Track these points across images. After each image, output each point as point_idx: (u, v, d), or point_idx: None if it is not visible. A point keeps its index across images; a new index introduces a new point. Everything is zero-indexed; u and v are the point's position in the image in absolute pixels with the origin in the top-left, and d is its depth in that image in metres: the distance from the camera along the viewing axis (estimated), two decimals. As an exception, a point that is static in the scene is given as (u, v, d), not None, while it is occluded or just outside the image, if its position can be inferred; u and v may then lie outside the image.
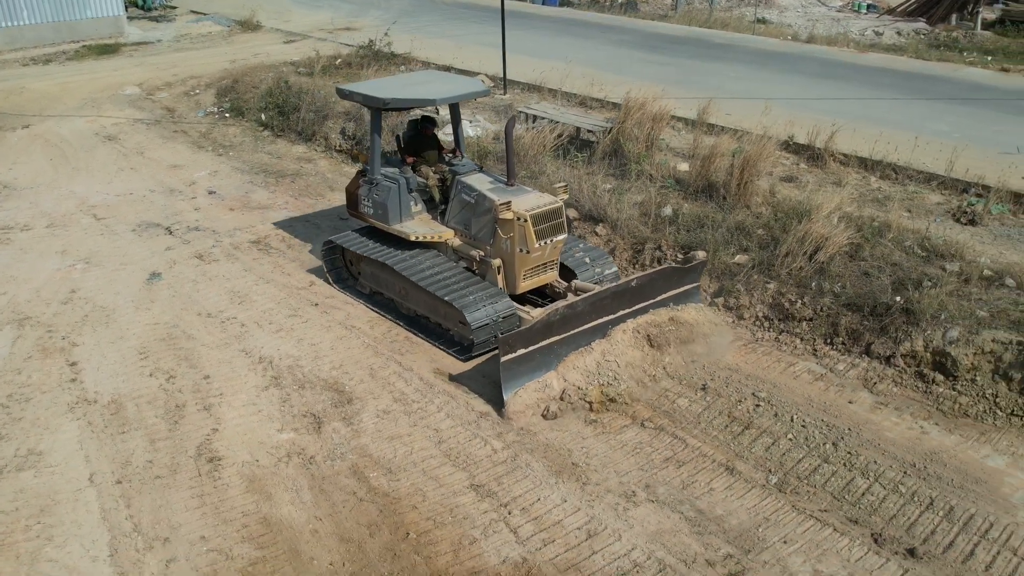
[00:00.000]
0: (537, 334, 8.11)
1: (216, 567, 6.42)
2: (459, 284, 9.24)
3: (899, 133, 13.28)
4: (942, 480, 7.18)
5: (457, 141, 10.90)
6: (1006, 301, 8.98)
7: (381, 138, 10.28)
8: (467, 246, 9.71)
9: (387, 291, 10.14)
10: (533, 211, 9.00)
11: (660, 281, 9.10)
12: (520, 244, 9.05)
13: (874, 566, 6.32)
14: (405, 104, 10.16)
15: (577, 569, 6.33)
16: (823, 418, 7.96)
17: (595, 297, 8.55)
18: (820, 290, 9.43)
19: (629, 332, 8.77)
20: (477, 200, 9.47)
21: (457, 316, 8.95)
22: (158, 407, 8.37)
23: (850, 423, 7.89)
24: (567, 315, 8.29)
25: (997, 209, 11.15)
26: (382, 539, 6.67)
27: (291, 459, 7.59)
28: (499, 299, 9.12)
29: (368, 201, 10.22)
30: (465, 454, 7.60)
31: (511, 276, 9.35)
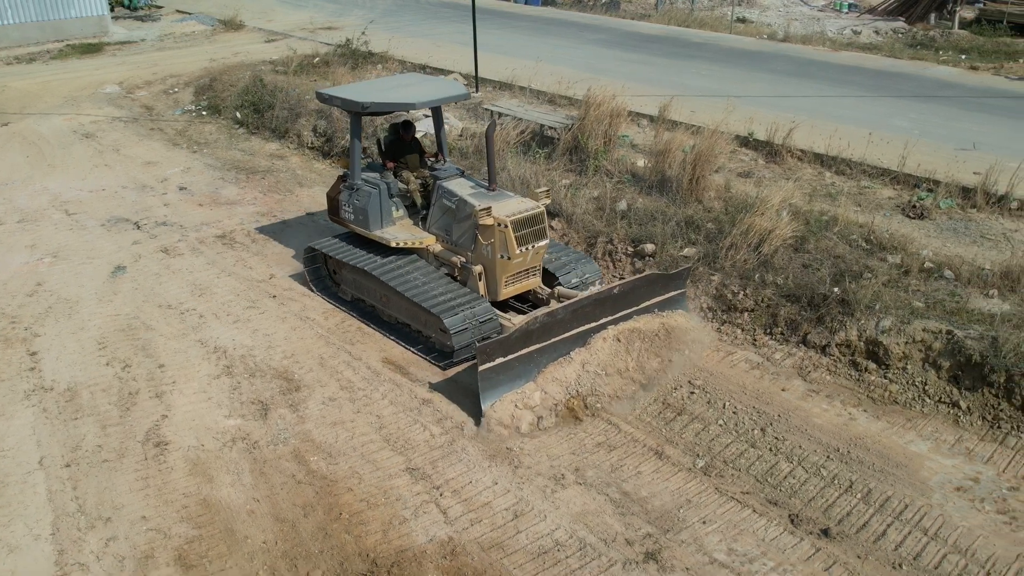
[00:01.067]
0: (516, 343, 7.93)
1: (153, 545, 6.64)
2: (439, 291, 9.11)
3: (860, 129, 13.49)
4: (864, 464, 7.40)
5: (440, 145, 10.75)
6: (943, 292, 9.21)
7: (361, 142, 10.17)
8: (448, 252, 9.59)
9: (368, 298, 10.01)
10: (514, 216, 8.87)
11: (643, 288, 8.88)
12: (501, 250, 8.94)
13: (788, 545, 6.54)
14: (384, 108, 10.03)
15: (501, 547, 6.56)
16: (755, 405, 8.18)
17: (576, 305, 8.34)
18: (763, 282, 9.65)
19: (609, 339, 8.52)
20: (458, 205, 9.35)
21: (437, 323, 8.83)
22: (112, 395, 8.60)
23: (780, 410, 8.11)
24: (547, 323, 8.10)
25: (946, 204, 11.36)
26: (316, 519, 6.89)
27: (235, 444, 7.82)
28: (479, 306, 8.97)
29: (349, 207, 10.09)
30: (404, 439, 7.83)
31: (492, 283, 9.23)
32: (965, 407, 8.07)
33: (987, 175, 11.31)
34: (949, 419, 8.02)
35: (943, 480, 7.22)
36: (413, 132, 10.55)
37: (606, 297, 8.54)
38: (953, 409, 8.10)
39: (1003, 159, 11.70)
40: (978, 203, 11.24)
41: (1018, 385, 7.89)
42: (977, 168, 11.74)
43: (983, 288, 9.25)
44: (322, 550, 6.58)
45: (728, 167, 12.86)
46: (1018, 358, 7.93)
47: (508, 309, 9.54)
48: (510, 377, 7.96)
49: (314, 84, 17.35)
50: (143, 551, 6.59)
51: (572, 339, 8.33)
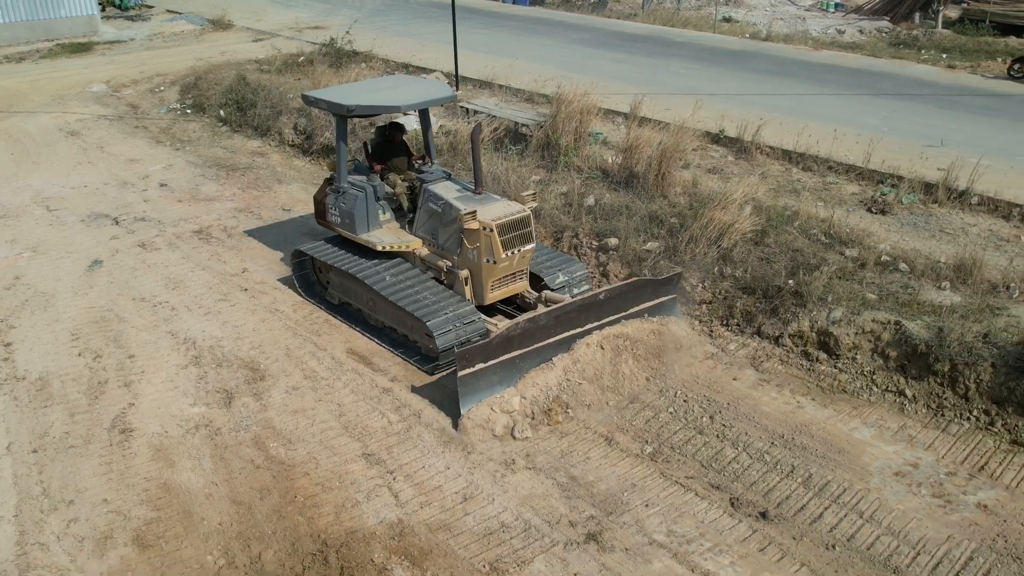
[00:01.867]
0: (497, 348, 7.85)
1: (113, 526, 6.86)
2: (424, 295, 9.05)
3: (831, 127, 13.66)
4: (807, 450, 7.60)
5: (427, 147, 10.69)
6: (897, 285, 9.41)
7: (347, 145, 10.10)
8: (435, 256, 9.52)
9: (355, 301, 9.95)
10: (499, 220, 8.78)
11: (631, 293, 8.75)
12: (487, 254, 8.86)
13: (726, 527, 6.74)
14: (370, 111, 9.92)
15: (448, 528, 6.77)
16: (705, 394, 8.39)
17: (560, 311, 8.24)
18: (721, 274, 9.86)
19: (593, 346, 8.41)
20: (444, 209, 9.26)
21: (422, 328, 8.79)
22: (82, 384, 8.81)
23: (730, 398, 8.31)
24: (529, 329, 8.01)
25: (908, 199, 11.56)
26: (271, 502, 7.10)
27: (198, 431, 8.03)
28: (464, 310, 8.91)
29: (335, 210, 10.02)
30: (362, 426, 8.04)
31: (479, 287, 9.17)
32: (911, 395, 8.28)
33: (949, 171, 11.50)
34: (895, 407, 8.23)
35: (883, 465, 7.42)
36: (401, 134, 10.47)
37: (592, 303, 8.41)
38: (899, 398, 8.31)
39: (968, 155, 11.90)
40: (939, 198, 11.44)
41: (962, 374, 8.10)
42: (942, 164, 11.92)
43: (936, 280, 9.44)
44: (275, 531, 6.79)
45: (698, 163, 13.08)
46: (962, 348, 8.13)
47: (496, 313, 9.53)
48: (490, 383, 7.88)
49: (297, 83, 17.59)
50: (103, 532, 6.80)
51: (555, 345, 8.22)
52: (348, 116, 9.71)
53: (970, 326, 8.33)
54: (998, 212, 11.11)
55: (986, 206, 11.24)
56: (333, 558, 6.46)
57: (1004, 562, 6.38)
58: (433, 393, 8.51)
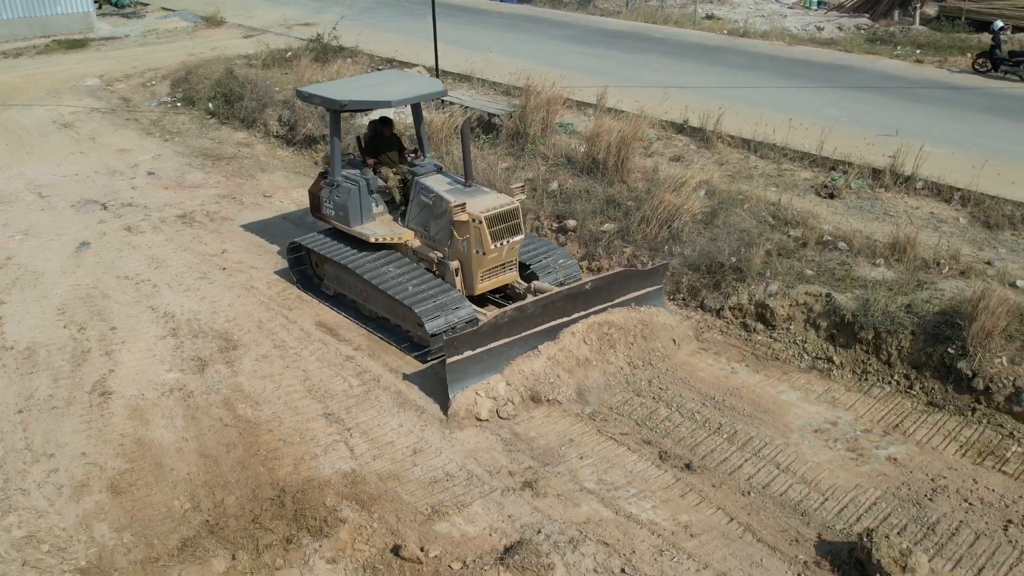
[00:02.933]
0: (484, 336, 8.10)
1: (89, 475, 7.45)
2: (416, 286, 9.26)
3: (793, 117, 14.15)
4: (735, 410, 8.18)
5: (420, 141, 10.94)
6: (835, 262, 9.98)
7: (340, 140, 10.34)
8: (426, 247, 9.75)
9: (349, 293, 10.17)
10: (488, 212, 9.01)
11: (617, 284, 8.98)
12: (476, 245, 9.09)
13: (652, 476, 7.32)
14: (362, 106, 10.21)
15: (396, 478, 7.35)
16: (647, 360, 8.95)
17: (547, 300, 8.50)
18: (670, 253, 10.43)
19: (579, 334, 8.63)
20: (434, 201, 9.52)
21: (414, 318, 8.99)
22: (66, 353, 9.41)
23: (669, 365, 8.89)
24: (516, 318, 8.26)
25: (857, 184, 12.12)
26: (236, 455, 7.69)
27: (172, 393, 8.63)
28: (455, 299, 9.13)
29: (329, 203, 10.27)
30: (325, 389, 8.64)
31: (469, 277, 9.40)
32: (838, 362, 8.86)
33: (896, 157, 12.06)
34: (823, 373, 8.81)
35: (804, 424, 8.00)
36: (391, 129, 10.68)
37: (579, 292, 8.67)
38: (828, 364, 8.89)
39: (920, 144, 12.40)
40: (887, 183, 12.00)
41: (885, 342, 8.68)
42: (893, 152, 12.46)
43: (872, 258, 10.01)
44: (238, 480, 7.38)
45: (661, 152, 13.64)
46: (886, 317, 8.70)
47: (487, 303, 9.81)
48: (479, 370, 8.13)
49: (283, 77, 18.19)
50: (80, 480, 7.40)
51: (542, 333, 8.47)
52: (340, 111, 10.02)
53: (895, 298, 8.91)
54: (940, 196, 11.67)
55: (930, 190, 11.80)
56: (289, 502, 7.05)
57: (904, 507, 6.95)
58: (393, 361, 9.11)
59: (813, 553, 6.46)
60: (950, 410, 8.15)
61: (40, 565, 6.40)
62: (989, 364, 8.11)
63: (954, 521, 6.80)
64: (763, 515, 6.86)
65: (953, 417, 8.08)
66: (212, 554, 6.49)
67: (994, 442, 7.75)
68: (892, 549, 6.09)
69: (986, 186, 11.35)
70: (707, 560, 6.39)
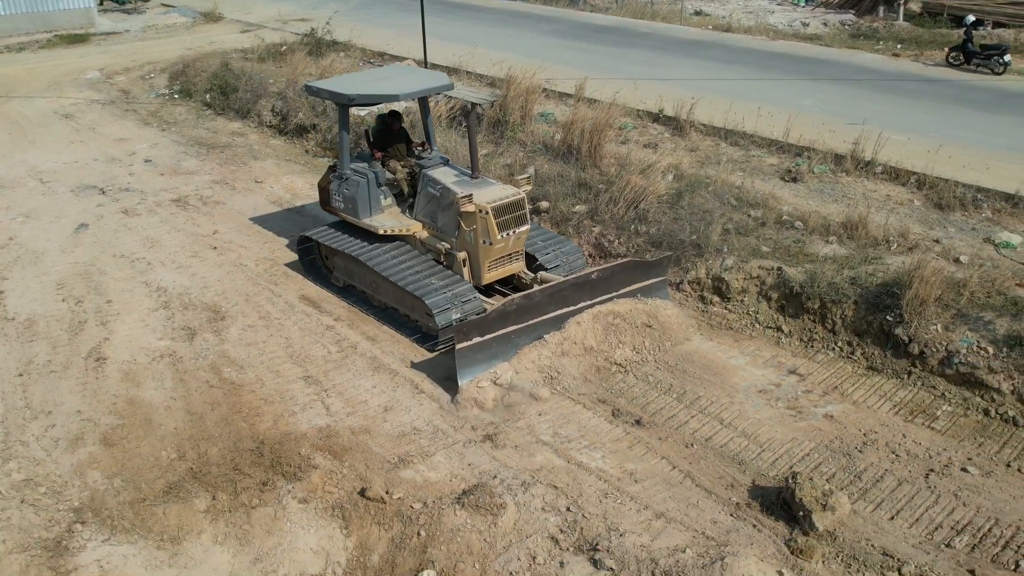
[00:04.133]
0: (493, 323, 8.32)
1: (84, 430, 8.05)
2: (424, 276, 9.42)
3: (765, 107, 14.69)
4: (687, 373, 8.76)
5: (427, 134, 11.07)
6: (790, 240, 10.55)
7: (349, 133, 10.49)
8: (434, 239, 9.91)
9: (359, 284, 10.33)
10: (495, 203, 9.18)
11: (622, 274, 9.18)
12: (483, 236, 9.23)
13: (604, 431, 7.90)
14: (370, 100, 10.27)
15: (368, 432, 7.95)
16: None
17: (553, 288, 8.73)
18: (636, 232, 11.00)
19: (584, 323, 8.80)
20: (441, 193, 9.67)
21: (421, 307, 9.18)
22: (64, 323, 10.01)
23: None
24: (523, 305, 8.48)
25: (819, 169, 12.68)
26: (220, 413, 8.29)
27: (163, 359, 9.23)
28: (462, 289, 9.29)
29: (339, 196, 10.43)
30: (305, 355, 9.23)
31: (476, 268, 9.57)
32: (787, 331, 9.43)
33: (857, 143, 12.61)
34: (772, 340, 9.39)
35: (750, 385, 8.57)
36: (400, 122, 10.88)
37: (584, 282, 8.93)
38: (777, 332, 9.46)
39: (886, 132, 12.93)
40: (848, 168, 12.56)
41: (830, 311, 9.25)
42: (859, 140, 13.00)
43: (825, 236, 10.58)
44: (221, 434, 7.97)
45: (636, 139, 14.20)
46: (830, 288, 9.27)
47: (494, 293, 9.98)
48: (486, 356, 8.34)
49: (277, 70, 18.78)
50: (75, 434, 8.00)
51: (549, 322, 8.71)
52: (349, 105, 10.14)
53: (841, 271, 9.48)
54: (898, 180, 12.22)
55: (888, 174, 12.36)
56: (267, 453, 7.64)
57: (835, 457, 7.53)
58: (370, 330, 9.70)
59: (746, 496, 7.04)
60: (888, 373, 8.72)
61: (37, 504, 7.00)
62: (924, 331, 8.67)
63: (880, 470, 7.37)
64: (703, 464, 7.44)
65: (890, 380, 8.65)
66: (194, 495, 7.08)
67: (926, 402, 8.32)
68: (815, 490, 6.66)
69: (940, 170, 11.90)
70: (648, 502, 6.97)
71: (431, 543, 6.57)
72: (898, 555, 6.39)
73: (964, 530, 6.69)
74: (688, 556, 6.22)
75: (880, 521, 6.79)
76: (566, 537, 6.57)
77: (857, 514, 6.84)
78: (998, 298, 8.90)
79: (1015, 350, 8.24)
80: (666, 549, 6.34)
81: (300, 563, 6.53)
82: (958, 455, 7.55)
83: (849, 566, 6.31)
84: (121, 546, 6.53)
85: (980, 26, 24.41)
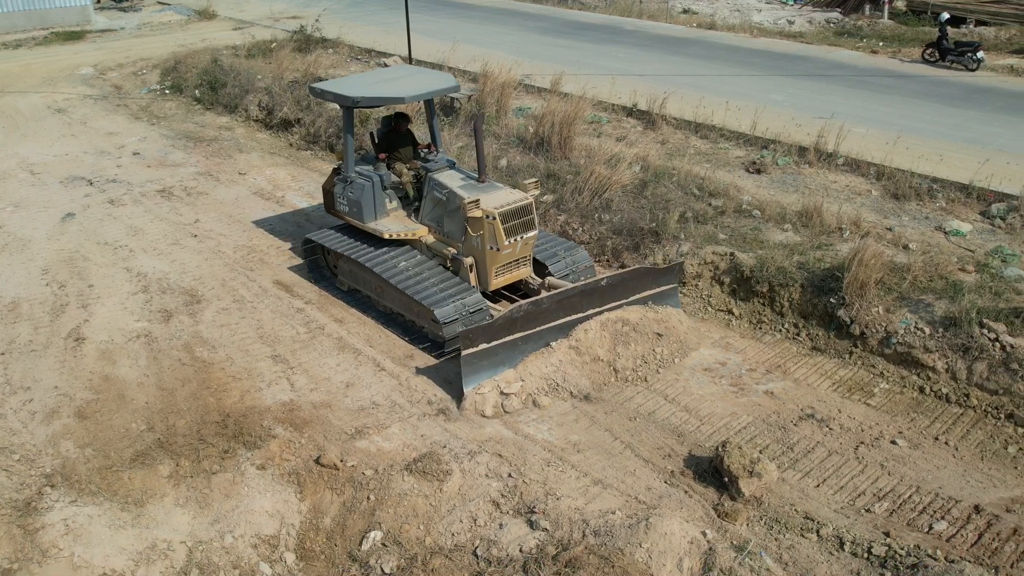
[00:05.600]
0: (499, 330, 8.19)
1: (60, 404, 8.47)
2: (430, 282, 9.29)
3: (737, 102, 15.06)
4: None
5: (433, 136, 10.95)
6: (747, 227, 10.92)
7: (353, 136, 10.37)
8: (440, 243, 9.77)
9: (364, 288, 10.22)
10: (502, 208, 9.01)
11: (633, 281, 9.03)
12: (490, 241, 9.09)
13: (554, 405, 8.27)
14: (374, 103, 10.07)
15: (328, 406, 8.35)
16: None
17: (562, 295, 8.57)
18: (599, 220, 11.38)
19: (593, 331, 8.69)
20: (448, 197, 9.51)
21: (428, 314, 9.04)
22: (47, 306, 10.43)
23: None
24: (531, 312, 8.34)
25: (783, 161, 13.05)
26: (190, 388, 8.70)
27: (139, 339, 9.64)
28: (470, 296, 9.14)
29: (343, 199, 10.28)
30: (275, 335, 9.64)
31: (483, 273, 9.40)
32: (738, 313, 9.81)
33: (819, 136, 12.98)
34: (723, 323, 9.76)
35: (696, 364, 8.95)
36: (406, 124, 10.72)
37: (593, 288, 8.74)
38: (728, 315, 9.84)
39: (852, 125, 13.27)
40: (811, 160, 12.93)
41: (778, 294, 9.62)
42: (825, 134, 13.36)
43: (781, 224, 10.94)
44: (190, 408, 8.38)
45: (609, 133, 14.58)
46: (779, 273, 9.65)
47: (501, 299, 9.89)
48: (492, 363, 8.22)
49: (265, 65, 19.20)
50: (51, 408, 8.42)
51: (557, 329, 8.56)
52: (354, 107, 9.99)
53: (790, 256, 9.85)
54: (858, 171, 12.59)
55: (849, 166, 12.72)
56: (231, 425, 8.05)
57: (771, 430, 7.91)
58: (338, 312, 10.11)
59: (681, 465, 7.42)
60: (830, 353, 9.10)
61: (11, 470, 7.41)
62: (866, 312, 9.05)
63: (812, 442, 7.75)
64: (644, 436, 7.82)
65: (832, 359, 9.04)
66: (159, 462, 7.50)
67: (865, 380, 8.70)
68: (743, 458, 7.04)
69: (899, 161, 12.26)
70: (587, 470, 7.36)
71: (379, 506, 6.97)
72: (819, 518, 6.77)
73: (885, 497, 7.07)
74: (617, 517, 6.61)
75: (806, 488, 7.17)
76: (507, 501, 6.97)
77: (785, 482, 7.22)
78: (939, 282, 9.26)
79: (950, 330, 8.61)
80: (598, 511, 6.73)
81: (256, 524, 6.93)
82: (889, 429, 7.93)
83: (771, 528, 6.69)
84: (87, 507, 6.94)
85: (962, 24, 24.80)
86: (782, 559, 6.35)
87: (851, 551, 6.40)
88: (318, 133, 16.04)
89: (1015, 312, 8.52)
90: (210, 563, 6.64)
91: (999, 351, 8.29)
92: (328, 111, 16.05)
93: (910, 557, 6.21)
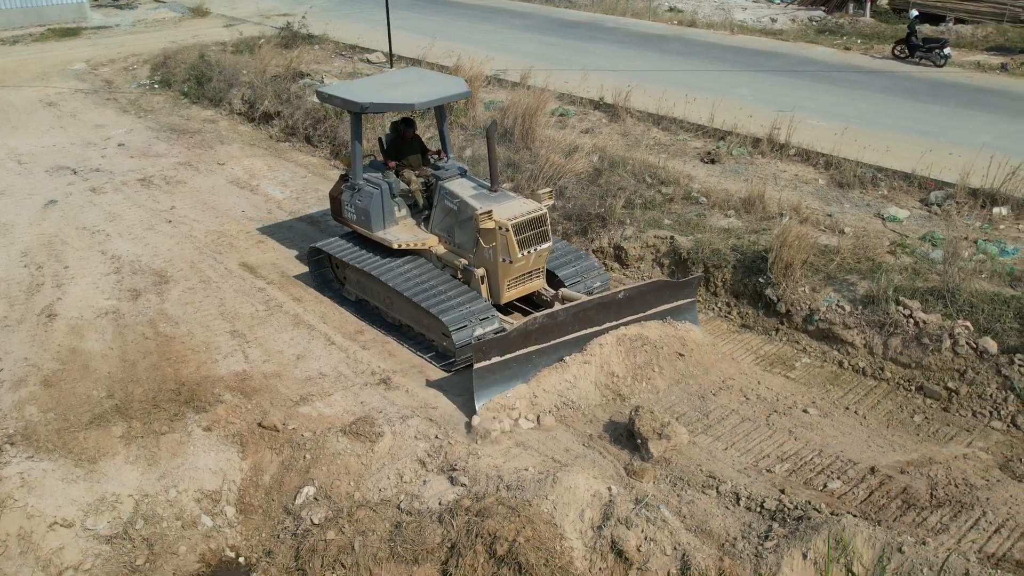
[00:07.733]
0: (513, 343, 7.94)
1: (28, 373, 9.02)
2: (441, 294, 9.02)
3: (704, 96, 15.49)
4: (576, 329, 9.60)
5: (443, 142, 10.62)
6: (693, 213, 11.40)
7: (362, 142, 10.10)
8: (451, 254, 9.50)
9: (372, 299, 10.02)
10: (515, 220, 8.72)
11: (650, 294, 8.77)
12: (503, 253, 8.83)
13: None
14: (383, 108, 9.76)
15: (278, 376, 8.88)
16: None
17: (578, 308, 8.33)
18: (552, 206, 11.84)
19: (608, 346, 8.45)
20: (459, 207, 9.23)
21: (439, 327, 8.83)
22: (23, 286, 11.00)
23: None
24: (546, 324, 8.09)
25: (737, 151, 13.52)
26: (151, 360, 9.24)
27: (107, 316, 10.19)
28: (480, 308, 8.87)
29: (351, 207, 10.05)
30: (235, 313, 10.17)
31: (495, 286, 9.14)
32: (675, 294, 10.27)
33: (772, 127, 13.44)
34: (661, 303, 10.22)
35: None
36: (412, 130, 10.45)
37: (610, 302, 8.49)
38: (667, 296, 10.30)
39: (807, 118, 13.71)
40: (764, 150, 13.39)
41: (712, 275, 10.09)
42: (778, 125, 13.80)
43: (725, 210, 11.41)
44: (148, 378, 8.92)
45: (575, 125, 15.07)
46: (713, 254, 10.12)
47: (513, 311, 9.71)
48: (505, 377, 7.97)
49: (250, 60, 19.76)
50: (19, 377, 8.97)
51: (572, 343, 8.31)
52: (362, 113, 9.70)
53: (726, 239, 10.32)
54: (809, 161, 13.05)
55: (800, 156, 13.18)
56: (185, 392, 8.58)
57: (691, 400, 8.40)
58: (297, 292, 10.64)
59: (600, 429, 7.91)
60: (758, 330, 9.58)
61: (-25, 431, 7.98)
62: (793, 292, 9.51)
63: (728, 410, 8.23)
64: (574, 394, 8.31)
65: (759, 336, 9.51)
66: (113, 424, 8.04)
67: (788, 355, 9.18)
68: (654, 421, 7.52)
69: (847, 152, 12.71)
70: (513, 435, 7.85)
71: (314, 465, 7.49)
72: (721, 477, 7.25)
73: (788, 459, 7.55)
74: (529, 473, 7.11)
75: (715, 451, 7.65)
76: (432, 460, 7.47)
77: (696, 445, 7.70)
78: (866, 263, 9.72)
79: (868, 308, 9.07)
80: (513, 468, 7.23)
81: (199, 480, 7.46)
82: (803, 399, 8.40)
83: (675, 485, 7.17)
84: (43, 463, 7.49)
85: (941, 22, 25.16)
86: (681, 512, 6.83)
87: (746, 506, 6.87)
88: (296, 126, 16.59)
89: (930, 291, 8.97)
90: (155, 514, 7.18)
91: (912, 327, 8.75)
92: (305, 104, 16.60)
93: (797, 511, 6.67)
